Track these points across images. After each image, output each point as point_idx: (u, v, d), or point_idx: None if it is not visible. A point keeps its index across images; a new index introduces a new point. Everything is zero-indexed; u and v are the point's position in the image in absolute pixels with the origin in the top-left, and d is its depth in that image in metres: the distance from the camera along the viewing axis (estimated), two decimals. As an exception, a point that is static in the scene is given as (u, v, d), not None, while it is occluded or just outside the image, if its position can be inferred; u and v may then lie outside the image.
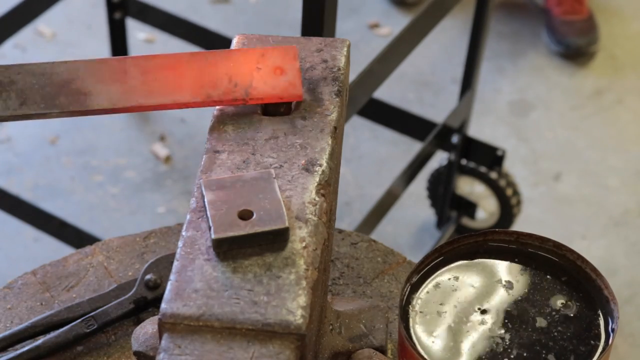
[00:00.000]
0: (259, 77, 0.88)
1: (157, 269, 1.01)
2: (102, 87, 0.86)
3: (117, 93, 0.87)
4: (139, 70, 0.88)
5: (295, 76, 0.89)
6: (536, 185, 2.31)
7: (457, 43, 2.61)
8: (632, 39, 2.70)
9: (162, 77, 0.88)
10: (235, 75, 0.88)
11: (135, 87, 0.87)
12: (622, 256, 2.16)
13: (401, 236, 2.19)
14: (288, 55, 0.90)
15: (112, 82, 0.87)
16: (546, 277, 0.86)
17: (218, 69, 0.88)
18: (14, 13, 1.99)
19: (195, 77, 0.88)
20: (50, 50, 2.55)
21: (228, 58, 0.89)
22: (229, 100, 0.87)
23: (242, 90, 0.88)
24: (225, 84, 0.88)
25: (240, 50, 0.90)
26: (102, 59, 0.88)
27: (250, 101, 0.88)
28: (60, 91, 0.86)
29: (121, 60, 0.88)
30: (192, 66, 0.88)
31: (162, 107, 0.87)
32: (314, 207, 0.81)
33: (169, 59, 0.89)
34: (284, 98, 0.88)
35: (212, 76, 0.88)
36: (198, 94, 0.87)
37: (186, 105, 0.87)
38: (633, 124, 2.46)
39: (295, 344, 0.74)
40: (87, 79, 0.87)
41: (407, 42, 1.62)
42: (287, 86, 0.88)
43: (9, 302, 1.03)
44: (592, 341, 0.81)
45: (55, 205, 2.16)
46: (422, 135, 1.97)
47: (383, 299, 1.04)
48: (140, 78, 0.87)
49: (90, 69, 0.87)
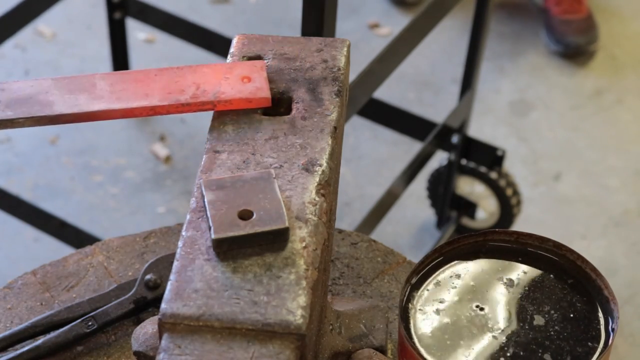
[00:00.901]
0: (226, 84, 0.89)
1: (157, 269, 1.01)
2: (68, 97, 0.87)
3: (83, 100, 0.87)
4: (108, 82, 0.89)
5: (263, 83, 0.89)
6: (536, 185, 2.31)
7: (457, 43, 2.61)
8: (632, 39, 2.70)
9: (130, 87, 0.88)
10: (203, 83, 0.89)
11: (102, 96, 0.87)
12: (622, 256, 2.16)
13: (401, 236, 2.19)
14: (255, 66, 0.90)
15: (80, 92, 0.88)
16: (546, 276, 0.86)
17: (186, 79, 0.89)
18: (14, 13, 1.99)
19: (163, 86, 0.89)
20: (50, 50, 2.55)
21: (196, 71, 0.90)
22: (197, 105, 0.87)
23: (210, 94, 0.88)
24: (193, 90, 0.88)
25: (208, 65, 0.91)
26: (71, 76, 0.89)
27: (218, 105, 0.88)
28: (27, 101, 0.86)
29: (90, 76, 0.89)
30: (160, 78, 0.89)
31: (130, 113, 0.87)
32: (314, 207, 0.81)
33: (138, 73, 0.90)
34: (253, 102, 0.88)
35: (179, 85, 0.89)
36: (166, 98, 0.87)
37: (154, 109, 0.87)
38: (633, 124, 2.46)
39: (295, 344, 0.74)
40: (54, 91, 0.88)
41: (407, 42, 1.62)
42: (255, 90, 0.88)
43: (9, 302, 1.03)
44: (589, 343, 0.81)
45: (55, 205, 2.16)
46: (422, 135, 1.97)
47: (383, 299, 1.04)
48: (109, 89, 0.88)
49: (57, 84, 0.88)
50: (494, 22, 2.64)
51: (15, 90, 0.87)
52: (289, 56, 0.94)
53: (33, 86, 0.88)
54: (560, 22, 2.61)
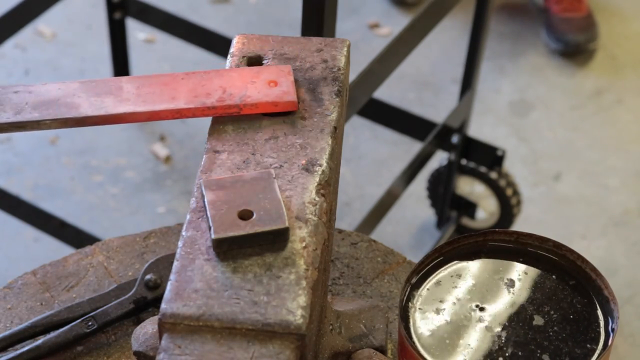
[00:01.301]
0: (253, 88, 0.89)
1: (157, 269, 1.01)
2: (95, 99, 0.87)
3: (110, 103, 0.87)
4: (134, 86, 0.89)
5: (290, 87, 0.89)
6: (536, 185, 2.31)
7: (457, 43, 2.61)
8: (632, 39, 2.70)
9: (157, 90, 0.88)
10: (230, 87, 0.89)
11: (128, 99, 0.88)
12: (622, 256, 2.16)
13: (401, 236, 2.19)
14: (283, 71, 0.90)
15: (106, 95, 0.88)
16: (546, 277, 0.86)
17: (213, 82, 0.89)
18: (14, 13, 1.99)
19: (190, 89, 0.89)
20: (50, 50, 2.55)
21: (223, 75, 0.90)
22: (223, 108, 0.87)
23: (237, 97, 0.88)
24: (219, 93, 0.88)
25: (235, 69, 0.91)
26: (98, 79, 0.89)
27: (244, 109, 0.87)
28: (54, 104, 0.87)
29: (117, 79, 0.89)
30: (187, 82, 0.89)
31: (156, 116, 0.87)
32: (314, 207, 0.81)
33: (165, 76, 0.90)
34: (279, 105, 0.88)
35: (206, 88, 0.89)
36: (192, 101, 0.87)
37: (180, 112, 0.87)
38: (633, 124, 2.46)
39: (295, 344, 0.74)
40: (81, 94, 0.88)
41: (407, 42, 1.62)
42: (281, 94, 0.88)
43: (9, 302, 1.03)
44: (588, 344, 0.81)
45: (55, 205, 2.16)
46: (422, 135, 1.97)
47: (383, 299, 1.04)
48: (135, 92, 0.88)
49: (84, 87, 0.88)
50: (494, 22, 2.64)
51: (43, 93, 0.88)
52: (289, 56, 0.94)
53: (60, 89, 0.88)
54: (560, 21, 2.60)
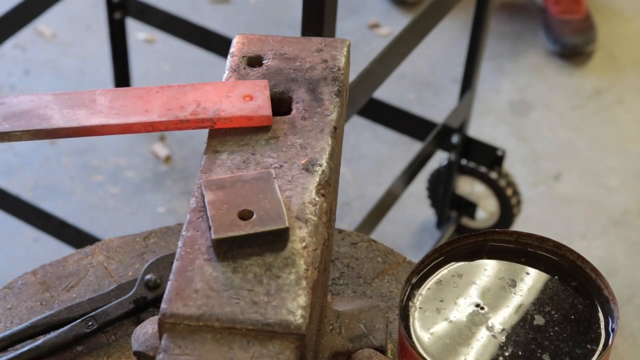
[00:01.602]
0: (227, 102, 0.88)
1: (157, 269, 1.01)
2: (67, 111, 0.87)
3: (82, 115, 0.87)
4: (108, 98, 0.88)
5: (265, 101, 0.88)
6: (536, 185, 2.31)
7: (457, 43, 2.61)
8: (632, 39, 2.70)
9: (130, 103, 0.88)
10: (204, 101, 0.88)
11: (101, 111, 0.87)
12: (622, 256, 2.16)
13: (401, 236, 2.19)
14: (258, 85, 0.89)
15: (79, 107, 0.88)
16: (548, 278, 0.86)
17: (187, 96, 0.89)
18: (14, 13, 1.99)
19: (164, 102, 0.88)
20: (50, 50, 2.55)
21: (198, 89, 0.89)
22: (196, 122, 0.87)
23: (210, 111, 0.87)
24: (193, 107, 0.88)
25: (211, 83, 0.90)
26: (71, 92, 0.89)
27: (218, 122, 0.87)
28: (26, 115, 0.87)
29: (90, 92, 0.89)
30: (161, 95, 0.89)
31: (129, 129, 0.87)
32: (314, 207, 0.81)
33: (139, 90, 0.89)
34: (253, 119, 0.87)
35: (180, 102, 0.88)
36: (165, 115, 0.87)
37: (152, 125, 0.87)
38: (633, 124, 2.46)
39: (295, 344, 0.74)
40: (54, 106, 0.88)
41: (407, 42, 1.62)
42: (256, 109, 0.87)
43: (9, 302, 1.03)
44: (589, 345, 0.81)
45: (55, 205, 2.16)
46: (422, 135, 1.97)
47: (383, 299, 1.04)
48: (108, 104, 0.88)
49: (57, 99, 0.88)
50: (494, 22, 2.64)
51: (15, 104, 0.87)
52: (289, 56, 0.94)
53: (33, 101, 0.88)
54: (558, 22, 2.60)
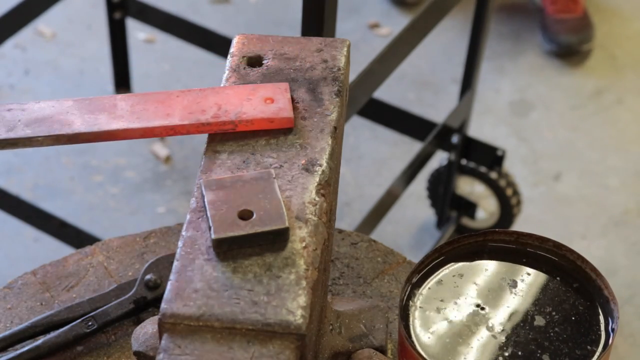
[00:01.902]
0: (248, 105, 0.88)
1: (157, 269, 1.01)
2: (88, 116, 0.87)
3: (103, 120, 0.87)
4: (129, 103, 0.88)
5: (286, 104, 0.88)
6: (536, 185, 2.31)
7: (457, 43, 2.61)
8: (632, 39, 2.70)
9: (151, 107, 0.88)
10: (225, 104, 0.88)
11: (122, 116, 0.87)
12: (622, 256, 2.16)
13: (401, 236, 2.19)
14: (279, 88, 0.89)
15: (100, 112, 0.88)
16: (546, 276, 0.86)
17: (208, 100, 0.88)
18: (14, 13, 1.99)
19: (185, 106, 0.88)
20: (50, 50, 2.55)
21: (219, 92, 0.89)
22: (218, 124, 0.87)
23: (232, 114, 0.87)
24: (214, 110, 0.87)
25: (232, 87, 0.90)
26: (92, 97, 0.89)
27: (240, 125, 0.86)
28: (47, 121, 0.87)
29: (111, 97, 0.89)
30: (182, 99, 0.89)
31: (150, 132, 0.87)
32: (314, 207, 0.81)
33: (160, 94, 0.89)
34: (275, 122, 0.87)
35: (201, 105, 0.88)
36: (186, 118, 0.87)
37: (174, 129, 0.87)
38: (633, 124, 2.46)
39: (295, 344, 0.74)
40: (75, 111, 0.88)
41: (407, 42, 1.62)
42: (277, 111, 0.87)
43: (9, 302, 1.03)
44: (588, 346, 0.81)
45: (55, 205, 2.16)
46: (422, 135, 1.97)
47: (383, 299, 1.04)
48: (129, 109, 0.88)
49: (78, 104, 0.88)
50: (494, 22, 2.64)
51: (36, 110, 0.88)
52: (289, 56, 0.94)
53: (54, 106, 0.88)
54: (555, 21, 2.60)
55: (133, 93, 0.90)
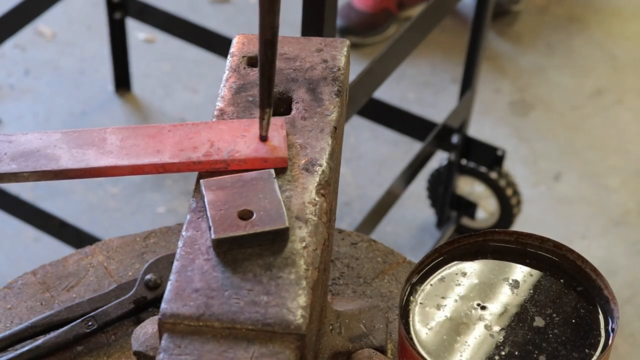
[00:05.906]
0: (242, 142, 0.85)
1: (157, 269, 1.01)
2: (76, 151, 0.85)
3: (91, 155, 0.85)
4: (119, 137, 0.86)
5: (281, 141, 0.85)
6: (536, 185, 2.31)
7: (457, 43, 2.61)
8: (632, 39, 2.70)
9: (141, 143, 0.86)
10: (218, 140, 0.85)
11: (111, 151, 0.85)
12: (622, 256, 2.16)
13: (401, 236, 2.19)
14: (275, 124, 0.86)
15: (88, 147, 0.85)
16: (546, 277, 0.86)
17: (200, 135, 0.86)
18: (14, 13, 1.99)
19: (176, 142, 0.85)
20: (50, 50, 2.55)
21: (212, 127, 0.86)
22: (209, 163, 0.84)
23: (224, 152, 0.84)
24: (206, 147, 0.85)
25: (225, 121, 0.87)
26: (81, 130, 0.87)
27: (232, 164, 0.84)
28: (34, 155, 0.85)
29: (101, 130, 0.86)
30: (173, 134, 0.86)
31: (139, 170, 0.84)
32: (314, 207, 0.81)
33: (152, 128, 0.87)
34: (268, 161, 0.84)
35: (193, 142, 0.85)
36: (177, 156, 0.84)
37: (164, 167, 0.84)
38: (633, 124, 2.46)
39: (295, 344, 0.74)
40: (63, 145, 0.86)
41: (407, 42, 1.62)
42: (271, 150, 0.84)
43: (9, 302, 1.03)
44: (587, 349, 0.81)
45: (55, 205, 2.16)
46: (422, 135, 1.97)
47: (383, 299, 1.04)
48: (119, 144, 0.85)
49: (66, 137, 0.86)
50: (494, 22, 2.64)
51: (23, 143, 0.85)
52: (289, 56, 0.94)
53: (42, 139, 0.86)
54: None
55: (123, 126, 0.88)
